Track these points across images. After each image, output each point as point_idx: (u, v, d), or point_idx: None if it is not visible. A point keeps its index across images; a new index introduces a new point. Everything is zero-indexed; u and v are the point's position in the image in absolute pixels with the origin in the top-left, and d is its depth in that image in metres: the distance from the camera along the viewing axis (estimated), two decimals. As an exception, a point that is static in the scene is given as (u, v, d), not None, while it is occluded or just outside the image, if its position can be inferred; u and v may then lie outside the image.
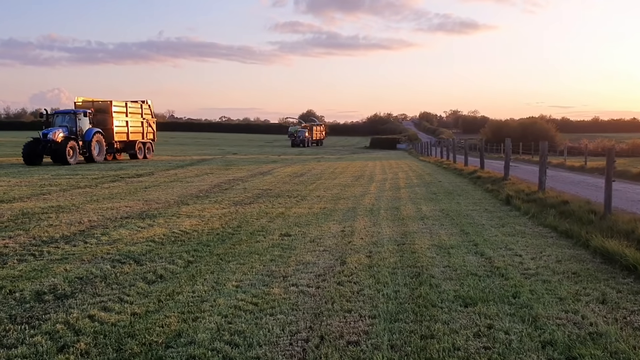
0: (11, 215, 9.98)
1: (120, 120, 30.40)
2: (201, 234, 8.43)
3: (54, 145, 25.66)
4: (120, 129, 30.40)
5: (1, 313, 4.75)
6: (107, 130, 29.22)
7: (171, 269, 6.28)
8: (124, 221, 9.54)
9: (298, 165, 28.23)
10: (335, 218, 10.12)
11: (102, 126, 28.88)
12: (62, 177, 18.73)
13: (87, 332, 4.33)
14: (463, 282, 5.76)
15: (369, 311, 4.82)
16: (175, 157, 35.51)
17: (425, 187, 16.44)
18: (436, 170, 26.29)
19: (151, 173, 21.04)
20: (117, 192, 14.27)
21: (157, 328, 4.41)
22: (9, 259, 6.66)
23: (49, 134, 25.79)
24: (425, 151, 50.92)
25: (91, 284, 5.65)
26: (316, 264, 6.50)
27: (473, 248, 7.48)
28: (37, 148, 25.64)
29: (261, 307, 4.92)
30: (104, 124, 29.20)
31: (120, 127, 30.35)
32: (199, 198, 13.11)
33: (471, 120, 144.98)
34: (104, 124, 29.20)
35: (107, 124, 29.38)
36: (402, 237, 8.26)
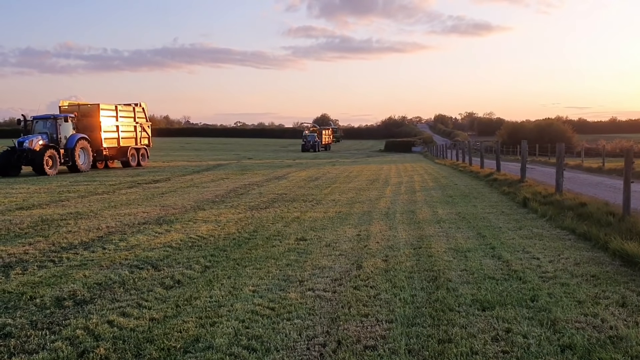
0: (31, 222, 10.12)
1: (110, 125, 28.17)
2: (218, 239, 8.48)
3: (30, 154, 23.25)
4: (110, 134, 28.15)
5: (22, 319, 4.82)
6: (94, 136, 26.97)
7: (189, 274, 6.33)
8: (142, 227, 9.63)
9: (313, 169, 28.27)
10: (351, 222, 10.12)
11: (89, 132, 26.69)
12: (80, 183, 18.95)
13: (106, 337, 4.38)
14: (480, 285, 5.73)
15: (386, 315, 4.81)
16: (191, 162, 35.74)
17: (441, 190, 16.37)
18: (452, 173, 26.16)
19: (168, 179, 21.20)
20: (134, 198, 14.40)
21: (176, 333, 4.45)
22: (29, 266, 6.76)
23: (25, 142, 23.54)
24: (441, 154, 50.70)
25: (110, 290, 5.71)
26: (332, 269, 6.50)
27: (490, 251, 7.43)
28: (12, 158, 23.45)
29: (278, 312, 4.94)
30: (91, 130, 26.99)
31: (109, 132, 28.07)
32: (215, 203, 13.18)
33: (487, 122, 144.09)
34: (91, 130, 26.99)
35: (95, 130, 27.10)
36: (419, 240, 8.24)
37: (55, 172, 23.60)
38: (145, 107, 31.51)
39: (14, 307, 5.17)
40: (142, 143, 31.16)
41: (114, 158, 29.28)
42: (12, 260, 7.03)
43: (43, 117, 25.41)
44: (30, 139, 23.74)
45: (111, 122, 28.20)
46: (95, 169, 27.60)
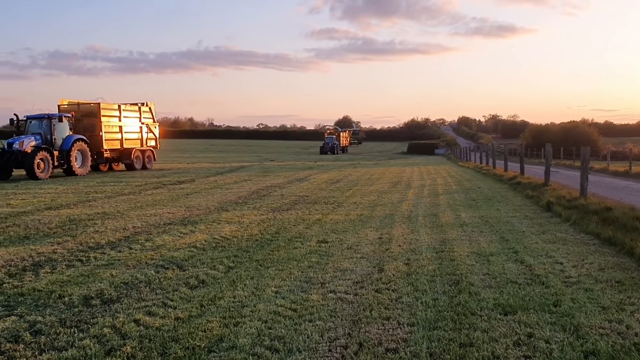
0: (59, 222, 10.34)
1: (112, 126, 26.60)
2: (241, 240, 8.58)
3: (20, 156, 21.51)
4: (112, 135, 26.59)
5: (52, 317, 4.95)
6: (94, 137, 25.31)
7: (212, 274, 6.42)
8: (167, 227, 9.78)
9: (334, 172, 28.31)
10: (373, 225, 10.14)
11: (89, 132, 25.12)
12: (106, 184, 19.28)
13: (133, 336, 4.48)
14: (503, 290, 5.72)
15: (407, 319, 4.83)
16: (215, 164, 36.05)
17: (464, 194, 16.29)
18: (475, 175, 25.99)
19: (192, 180, 21.44)
20: (159, 198, 14.61)
21: (200, 332, 4.53)
22: (57, 265, 6.92)
23: (15, 143, 21.73)
24: (464, 156, 50.35)
25: (136, 289, 5.82)
26: (354, 271, 6.54)
27: (513, 255, 7.39)
28: (1, 160, 21.72)
29: (300, 313, 5.00)
30: (92, 130, 25.44)
31: (111, 133, 26.53)
32: (238, 204, 13.31)
33: (511, 125, 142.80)
34: (92, 130, 25.44)
35: (95, 130, 25.51)
36: (441, 244, 8.23)
37: (48, 176, 21.98)
38: (152, 107, 29.96)
39: (43, 305, 5.32)
40: (148, 145, 29.65)
41: (116, 160, 27.86)
42: (41, 259, 7.20)
43: (37, 116, 23.76)
44: (21, 140, 22.08)
45: (113, 123, 26.76)
46: (98, 171, 26.70)
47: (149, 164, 29.20)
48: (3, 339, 4.41)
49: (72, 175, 23.15)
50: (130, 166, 27.76)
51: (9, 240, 8.61)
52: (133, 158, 27.73)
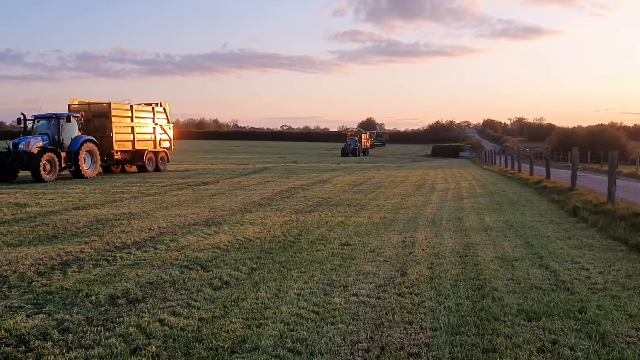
0: (86, 222, 10.53)
1: (123, 127, 25.65)
2: (264, 242, 8.63)
3: (26, 157, 20.51)
4: (123, 136, 25.64)
5: (79, 315, 5.05)
6: (105, 138, 24.49)
7: (236, 275, 6.48)
8: (191, 228, 9.89)
9: (357, 174, 28.28)
10: (396, 228, 10.12)
11: (99, 133, 24.32)
12: (133, 184, 19.55)
13: (157, 335, 4.55)
14: (527, 295, 5.67)
15: (430, 323, 4.82)
16: (239, 165, 36.29)
17: (489, 197, 16.14)
18: (500, 179, 25.73)
19: (216, 181, 21.62)
20: (184, 199, 14.77)
21: (223, 333, 4.58)
22: (85, 264, 7.06)
23: (21, 143, 20.84)
24: (489, 160, 49.87)
25: (161, 289, 5.91)
26: (376, 275, 6.54)
27: (538, 261, 7.32)
28: (7, 161, 20.75)
29: (322, 316, 5.02)
30: (102, 131, 24.63)
31: (122, 134, 25.60)
32: (262, 206, 13.39)
33: (537, 128, 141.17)
34: (102, 131, 24.63)
35: (106, 131, 24.68)
36: (465, 248, 8.18)
37: (54, 178, 21.08)
38: (166, 107, 29.05)
39: (71, 303, 5.43)
40: (161, 146, 28.57)
41: (128, 162, 26.82)
42: (69, 258, 7.35)
43: (44, 116, 22.82)
44: (27, 140, 21.13)
45: (125, 123, 25.81)
46: (110, 173, 26.12)
47: (162, 166, 28.18)
48: (32, 336, 4.52)
49: (81, 177, 22.26)
50: (142, 168, 26.78)
51: (38, 239, 8.80)
52: (145, 160, 26.77)
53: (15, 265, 6.94)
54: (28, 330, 4.65)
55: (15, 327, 4.70)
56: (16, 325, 4.74)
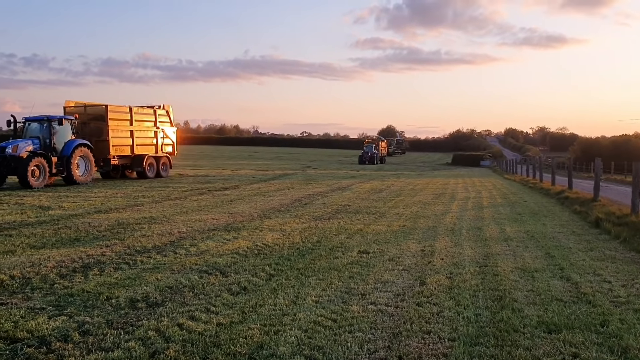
0: (108, 225, 10.66)
1: (121, 130, 24.26)
2: (282, 248, 8.66)
3: (13, 162, 19.32)
4: (121, 140, 24.27)
5: (99, 318, 5.12)
6: (101, 142, 23.21)
7: (254, 281, 6.51)
8: (211, 233, 9.96)
9: (377, 181, 28.21)
10: (415, 237, 10.07)
11: (95, 137, 23.13)
12: (154, 189, 19.75)
13: (176, 339, 4.58)
14: (547, 307, 5.60)
15: (448, 333, 4.79)
16: (258, 171, 36.45)
17: (510, 207, 15.99)
18: (521, 189, 25.47)
19: (236, 187, 21.74)
20: (204, 204, 14.88)
21: (241, 339, 4.60)
22: (106, 267, 7.14)
23: (8, 147, 19.56)
24: (510, 169, 49.39)
25: (180, 294, 5.95)
26: (395, 283, 6.52)
27: (559, 272, 7.22)
28: None
29: (340, 324, 5.01)
30: (99, 135, 23.36)
31: (120, 138, 24.21)
32: (280, 212, 13.42)
33: (559, 138, 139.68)
34: (99, 135, 23.36)
35: (102, 135, 23.34)
36: (485, 258, 8.11)
37: (43, 184, 19.73)
38: (169, 110, 27.77)
39: (92, 306, 5.50)
40: (164, 151, 27.22)
41: (126, 168, 25.63)
42: (90, 262, 7.45)
43: (35, 118, 21.47)
44: (15, 144, 19.90)
45: (123, 127, 24.43)
46: (109, 179, 24.79)
47: (163, 172, 26.81)
48: (53, 337, 4.58)
49: (73, 183, 20.92)
50: (142, 174, 25.42)
51: (61, 242, 8.93)
52: (145, 165, 25.43)
53: (38, 267, 7.05)
54: (49, 331, 4.72)
55: (37, 328, 4.78)
56: (38, 327, 4.82)
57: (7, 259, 7.55)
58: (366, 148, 68.30)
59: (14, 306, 5.43)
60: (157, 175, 26.16)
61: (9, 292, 5.97)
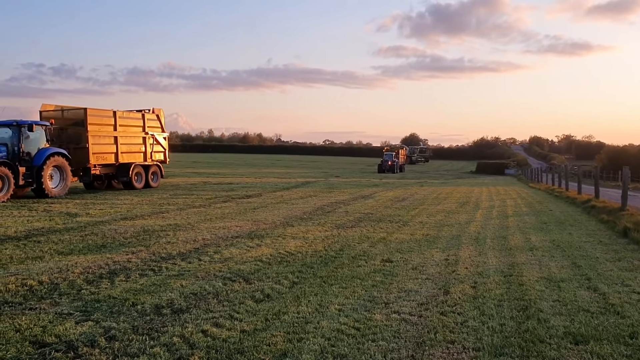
0: (134, 232, 10.80)
1: (103, 136, 21.67)
2: (305, 256, 8.67)
3: None
4: (103, 147, 21.67)
5: (125, 323, 5.18)
6: (80, 149, 20.65)
7: (277, 288, 6.53)
8: (235, 240, 10.03)
9: (400, 190, 28.11)
10: (439, 246, 10.01)
11: (74, 144, 20.76)
12: (179, 196, 19.96)
13: (200, 346, 4.62)
14: (574, 318, 5.52)
15: (473, 343, 4.75)
16: (281, 179, 36.58)
17: (535, 216, 15.79)
18: (547, 198, 25.14)
19: (259, 194, 21.86)
20: (228, 212, 14.99)
21: (265, 346, 4.62)
22: (131, 273, 7.24)
23: None
24: (536, 177, 48.78)
25: (204, 300, 6.00)
26: (419, 292, 6.48)
27: (585, 282, 7.11)
28: None
29: (363, 332, 5.00)
30: (77, 141, 20.87)
31: (102, 144, 21.62)
32: (303, 220, 13.45)
33: (585, 146, 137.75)
34: (77, 141, 20.87)
35: (82, 141, 20.77)
36: (509, 268, 8.02)
37: (7, 198, 16.97)
38: (161, 114, 25.25)
39: (118, 312, 5.57)
40: (154, 159, 24.63)
41: (110, 178, 23.17)
42: (116, 268, 7.55)
43: (3, 123, 18.88)
44: None
45: (106, 132, 21.84)
46: (93, 190, 22.36)
47: (153, 182, 24.25)
48: (80, 342, 4.66)
49: (45, 197, 18.29)
50: (128, 184, 22.86)
51: (87, 248, 9.07)
52: (132, 175, 22.80)
53: (66, 273, 7.17)
54: (77, 336, 4.80)
55: (64, 333, 4.86)
56: (65, 332, 4.90)
57: (36, 265, 7.70)
58: (386, 156, 65.96)
59: (43, 311, 5.54)
60: (146, 186, 23.69)
61: (37, 297, 6.08)
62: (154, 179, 24.43)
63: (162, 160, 25.31)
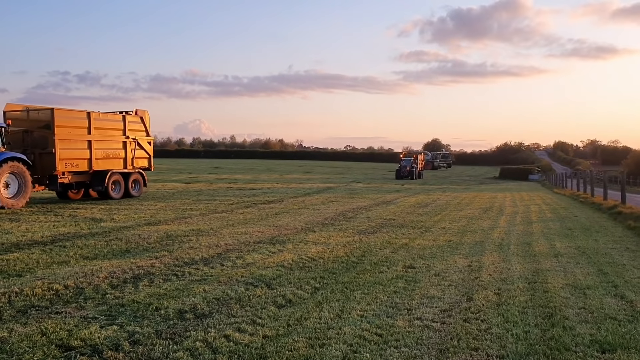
0: (157, 237, 10.92)
1: (74, 140, 19.08)
2: (327, 262, 8.67)
3: None
4: (74, 152, 19.00)
5: (149, 328, 5.24)
6: (47, 155, 18.15)
7: (299, 294, 6.54)
8: (257, 246, 10.07)
9: (422, 195, 27.95)
10: (462, 252, 9.92)
11: (39, 148, 18.26)
12: (201, 202, 20.11)
13: (223, 351, 4.64)
14: (600, 325, 5.42)
15: (496, 350, 4.70)
16: (303, 184, 36.65)
17: (560, 222, 15.57)
18: (571, 203, 24.79)
19: (281, 200, 21.92)
20: (250, 217, 15.06)
21: (287, 352, 4.62)
22: (155, 278, 7.31)
23: None
24: (560, 183, 48.11)
25: (227, 305, 6.04)
26: (441, 299, 6.43)
27: (612, 290, 6.99)
28: None
29: (385, 339, 4.98)
30: (43, 145, 18.28)
31: (73, 149, 18.97)
32: (325, 225, 13.45)
33: (611, 151, 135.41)
34: (43, 145, 18.28)
35: (48, 145, 18.19)
36: (534, 274, 7.92)
37: None
38: (145, 116, 22.56)
39: (141, 316, 5.63)
40: (137, 165, 21.99)
41: (83, 186, 20.48)
42: (140, 273, 7.63)
43: None
44: None
45: (77, 136, 19.18)
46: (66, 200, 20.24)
47: (134, 191, 21.72)
48: (105, 346, 4.72)
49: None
50: (104, 194, 20.21)
51: (112, 253, 9.19)
52: (108, 183, 20.11)
53: (91, 277, 7.27)
54: (101, 340, 4.86)
55: (89, 337, 4.93)
56: (91, 335, 4.97)
57: (62, 269, 7.82)
58: (404, 162, 63.18)
59: (68, 315, 5.62)
60: (126, 195, 21.13)
61: (63, 301, 6.18)
62: (136, 188, 21.88)
63: (145, 167, 22.74)
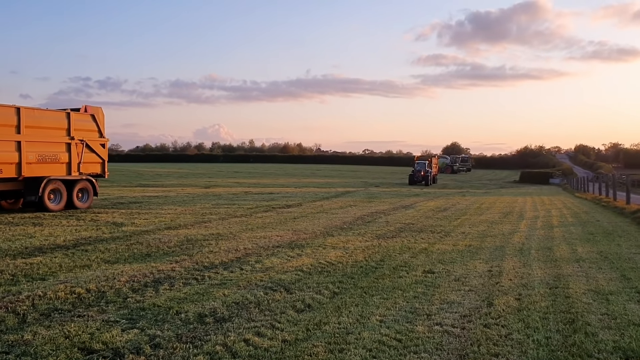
0: (177, 242, 11.00)
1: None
2: (345, 266, 8.66)
3: None
4: None
5: (169, 332, 5.28)
6: None
7: (318, 299, 6.54)
8: (275, 250, 10.10)
9: (441, 199, 27.79)
10: (482, 257, 9.85)
11: None
12: (221, 206, 20.23)
13: (242, 355, 4.67)
14: (624, 332, 5.35)
15: (517, 356, 4.66)
16: (321, 189, 36.67)
17: (581, 227, 15.38)
18: (593, 208, 24.45)
19: (299, 204, 21.96)
20: (269, 221, 15.11)
21: (306, 356, 4.63)
22: (175, 282, 7.37)
23: None
24: (582, 187, 47.51)
25: (246, 309, 6.06)
26: (461, 304, 6.39)
27: (636, 295, 6.88)
28: None
29: (405, 344, 4.96)
30: None
31: None
32: (343, 230, 13.45)
33: (634, 154, 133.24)
34: None
35: None
36: (555, 280, 7.83)
37: None
38: (98, 114, 18.76)
39: (162, 320, 5.68)
40: (86, 170, 18.29)
41: (11, 195, 16.87)
42: (161, 277, 7.70)
43: None
44: None
45: (2, 135, 15.41)
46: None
47: (81, 201, 18.06)
48: (127, 350, 4.77)
49: None
50: (39, 205, 16.51)
51: (133, 257, 9.29)
52: (44, 192, 16.52)
53: (112, 281, 7.36)
54: (123, 344, 4.92)
55: (111, 341, 4.98)
56: (112, 339, 5.03)
57: (84, 273, 7.92)
58: (417, 166, 58.89)
59: (90, 318, 5.69)
60: (69, 206, 17.52)
61: (85, 304, 6.26)
62: (83, 198, 18.19)
63: (97, 174, 18.96)
